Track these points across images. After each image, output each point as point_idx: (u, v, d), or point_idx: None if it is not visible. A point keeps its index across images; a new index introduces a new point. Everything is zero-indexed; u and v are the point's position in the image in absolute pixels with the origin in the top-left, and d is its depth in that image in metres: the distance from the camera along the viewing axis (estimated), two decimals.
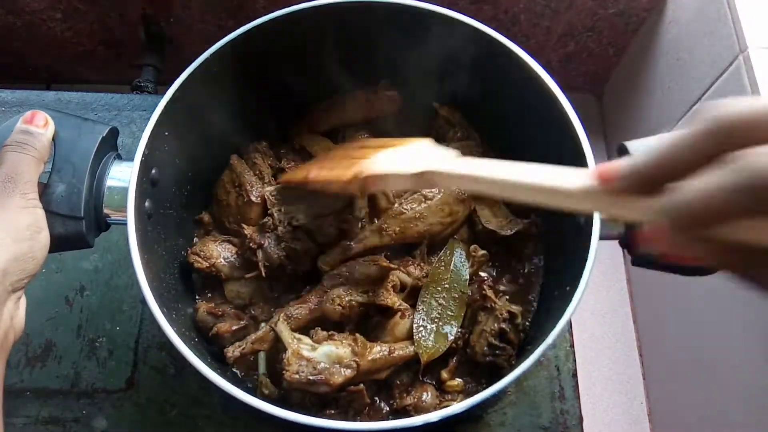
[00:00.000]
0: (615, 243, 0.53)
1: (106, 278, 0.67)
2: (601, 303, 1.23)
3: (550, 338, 0.46)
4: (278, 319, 0.53)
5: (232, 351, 0.53)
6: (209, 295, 0.61)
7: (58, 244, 0.47)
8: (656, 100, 1.11)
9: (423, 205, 0.59)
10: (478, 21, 0.56)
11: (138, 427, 0.61)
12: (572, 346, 0.65)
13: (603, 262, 1.12)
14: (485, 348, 0.55)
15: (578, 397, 0.63)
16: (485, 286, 0.57)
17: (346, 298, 0.54)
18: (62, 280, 0.67)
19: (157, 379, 0.63)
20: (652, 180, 0.27)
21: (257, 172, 0.61)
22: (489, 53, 0.56)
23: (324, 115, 0.66)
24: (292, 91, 0.63)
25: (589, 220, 0.49)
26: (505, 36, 0.55)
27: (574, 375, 0.64)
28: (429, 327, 0.56)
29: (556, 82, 0.54)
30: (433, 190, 0.60)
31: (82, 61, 1.22)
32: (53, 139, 0.48)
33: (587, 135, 0.52)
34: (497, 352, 0.55)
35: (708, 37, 0.93)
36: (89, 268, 0.68)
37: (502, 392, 0.61)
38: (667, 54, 1.08)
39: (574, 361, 0.64)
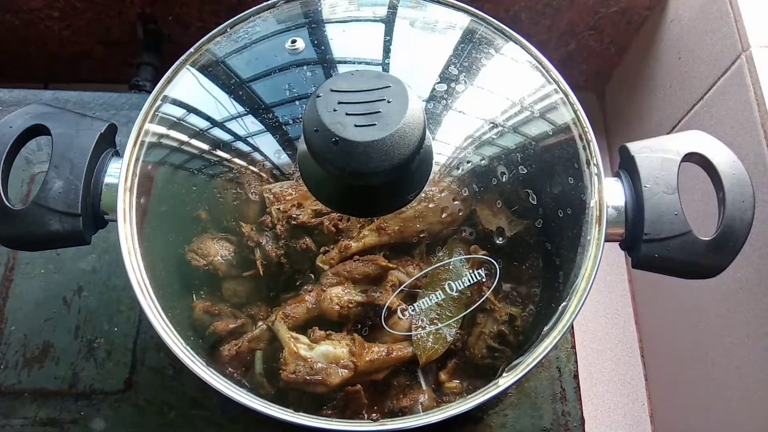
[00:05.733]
0: (616, 244, 0.53)
1: (104, 279, 0.67)
2: (602, 304, 1.23)
3: (551, 342, 0.45)
4: (275, 318, 0.53)
5: (228, 349, 0.52)
6: (206, 293, 0.60)
7: (55, 240, 0.47)
8: (658, 99, 1.11)
9: (423, 204, 0.59)
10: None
11: (136, 428, 0.61)
12: (574, 347, 0.64)
13: (604, 262, 1.12)
14: (484, 350, 0.54)
15: (580, 399, 0.62)
16: (485, 288, 0.57)
17: (345, 298, 0.54)
18: (60, 280, 0.67)
19: (156, 380, 0.63)
20: None
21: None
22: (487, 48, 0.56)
23: None
24: None
25: (594, 219, 0.49)
26: None
27: (576, 376, 0.63)
28: (428, 328, 0.55)
29: None
30: (433, 188, 0.59)
31: (80, 59, 1.22)
32: (50, 134, 0.47)
33: None
34: (496, 354, 0.54)
35: (710, 36, 0.92)
36: (87, 269, 0.67)
37: (503, 394, 0.61)
38: (669, 53, 1.07)
39: (576, 362, 0.64)
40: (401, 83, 0.43)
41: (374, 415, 0.52)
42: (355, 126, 0.41)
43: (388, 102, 0.42)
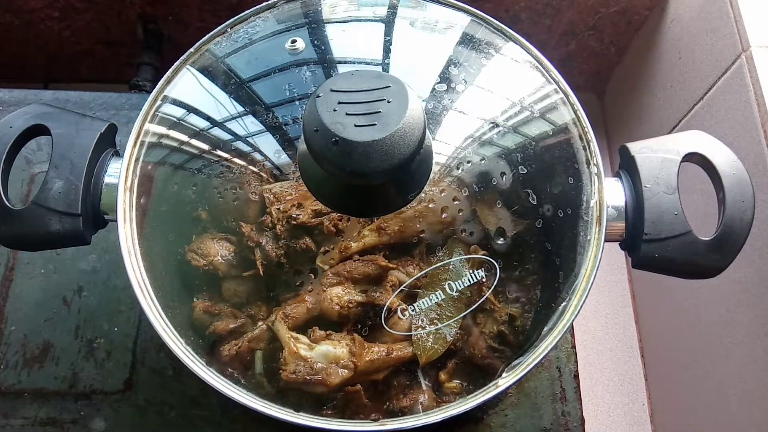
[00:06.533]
0: (616, 244, 0.53)
1: (104, 279, 0.67)
2: (602, 304, 1.23)
3: (551, 342, 0.45)
4: (275, 318, 0.53)
5: (228, 349, 0.52)
6: (206, 293, 0.60)
7: (55, 240, 0.47)
8: (658, 99, 1.11)
9: (423, 204, 0.59)
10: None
11: (136, 428, 0.61)
12: (574, 347, 0.64)
13: (604, 262, 1.12)
14: (484, 350, 0.54)
15: (580, 399, 0.62)
16: (485, 288, 0.57)
17: (345, 298, 0.54)
18: (60, 280, 0.67)
19: (156, 380, 0.63)
20: None
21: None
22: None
23: None
24: None
25: (594, 219, 0.49)
26: None
27: (576, 376, 0.63)
28: (428, 328, 0.55)
29: None
30: (433, 188, 0.59)
31: (80, 60, 1.22)
32: (50, 134, 0.48)
33: None
34: (496, 354, 0.54)
35: (710, 36, 0.92)
36: (87, 269, 0.67)
37: (503, 394, 0.61)
38: (669, 53, 1.07)
39: (576, 362, 0.64)
40: (401, 83, 0.43)
41: (374, 415, 0.52)
42: (355, 126, 0.41)
43: (388, 102, 0.42)
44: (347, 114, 0.42)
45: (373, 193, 0.49)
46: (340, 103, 0.42)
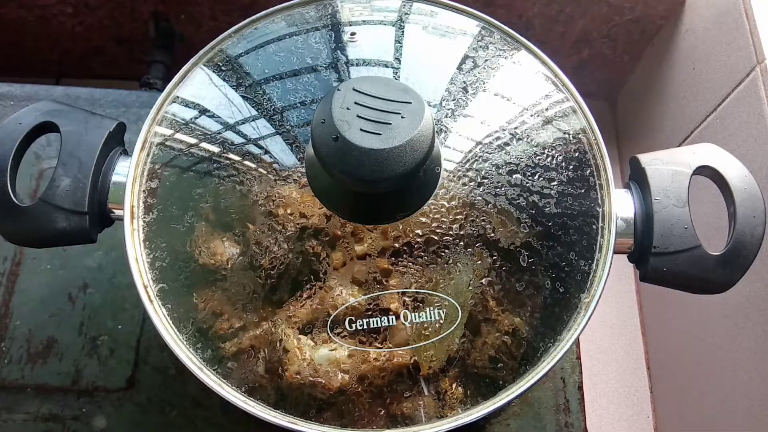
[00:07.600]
0: (624, 255, 0.53)
1: (110, 276, 0.67)
2: (609, 314, 1.22)
3: (556, 354, 0.45)
4: (278, 319, 0.53)
5: (229, 348, 0.52)
6: (210, 293, 0.60)
7: (61, 238, 0.47)
8: (671, 109, 1.10)
9: (429, 208, 0.58)
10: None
11: (137, 427, 0.61)
12: (579, 357, 0.64)
13: (612, 273, 1.11)
14: (487, 361, 0.54)
15: (583, 410, 0.62)
16: (488, 297, 0.56)
17: (348, 300, 0.54)
18: (65, 276, 0.67)
19: (158, 379, 0.63)
20: None
21: None
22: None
23: None
24: None
25: (603, 231, 0.49)
26: None
27: (580, 387, 0.63)
28: (430, 335, 0.55)
29: None
30: (438, 192, 0.59)
31: (92, 56, 1.22)
32: (59, 132, 0.48)
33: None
34: (500, 365, 0.54)
35: (725, 47, 0.92)
36: (93, 266, 0.67)
37: (507, 405, 0.61)
38: (682, 63, 1.06)
39: (581, 373, 0.63)
40: (423, 104, 0.42)
41: (375, 421, 0.52)
42: (360, 129, 0.41)
43: (402, 117, 0.41)
44: (358, 116, 0.41)
45: (377, 202, 0.49)
46: (356, 103, 0.42)
